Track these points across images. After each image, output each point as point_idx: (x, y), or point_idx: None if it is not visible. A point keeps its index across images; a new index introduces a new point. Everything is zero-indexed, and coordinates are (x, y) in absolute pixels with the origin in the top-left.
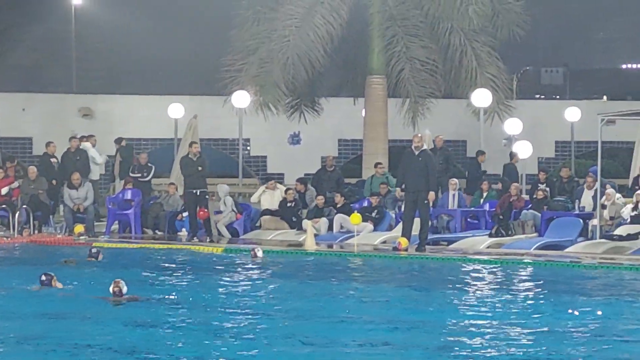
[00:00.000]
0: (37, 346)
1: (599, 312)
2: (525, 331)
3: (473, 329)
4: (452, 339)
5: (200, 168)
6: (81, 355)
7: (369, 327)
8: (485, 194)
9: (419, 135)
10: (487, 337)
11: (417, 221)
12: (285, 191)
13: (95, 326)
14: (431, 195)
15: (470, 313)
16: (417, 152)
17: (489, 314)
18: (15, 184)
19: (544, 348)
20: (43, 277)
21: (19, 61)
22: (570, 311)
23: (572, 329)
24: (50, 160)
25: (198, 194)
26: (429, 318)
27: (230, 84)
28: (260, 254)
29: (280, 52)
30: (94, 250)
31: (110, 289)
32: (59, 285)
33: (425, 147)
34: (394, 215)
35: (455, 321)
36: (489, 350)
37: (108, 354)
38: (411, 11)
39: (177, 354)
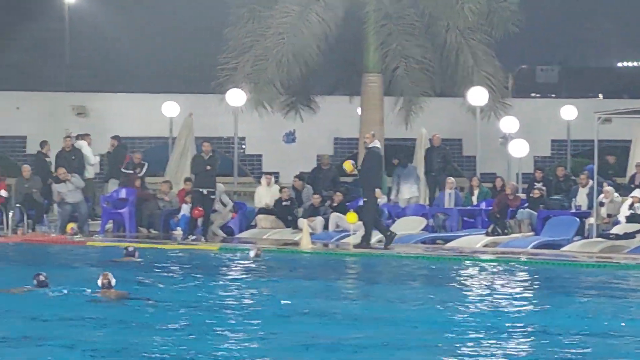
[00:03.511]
0: (30, 347)
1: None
2: (521, 330)
3: (470, 328)
4: (451, 337)
5: (209, 167)
6: (75, 356)
7: (367, 325)
8: (476, 192)
9: (369, 133)
10: (485, 336)
11: None
12: (280, 190)
13: (89, 326)
14: (377, 192)
15: (467, 312)
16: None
17: (486, 313)
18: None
19: (540, 347)
20: (42, 277)
21: (13, 60)
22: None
23: (567, 329)
24: (45, 159)
25: (205, 193)
26: (428, 317)
27: (226, 82)
28: (260, 252)
29: (275, 49)
30: (130, 248)
31: (99, 282)
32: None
33: (376, 144)
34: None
35: (452, 320)
36: (487, 349)
37: (101, 354)
38: (407, 10)
39: (173, 355)
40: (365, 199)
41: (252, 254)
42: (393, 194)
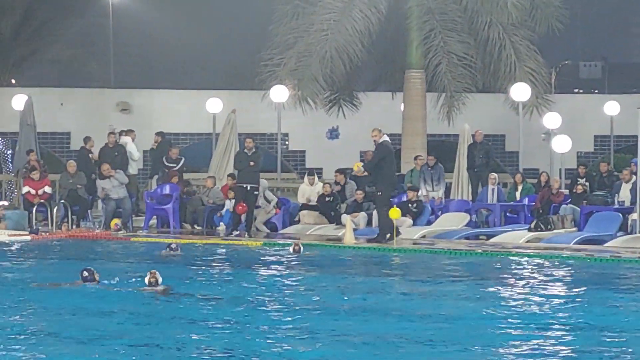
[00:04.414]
0: (73, 341)
1: None
2: (564, 326)
3: (512, 323)
4: (493, 332)
5: (252, 163)
6: (116, 348)
7: (411, 321)
8: (520, 187)
9: (376, 129)
10: (527, 331)
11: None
12: (322, 185)
13: (133, 321)
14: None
15: (509, 307)
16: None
17: (529, 309)
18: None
19: (583, 343)
20: (85, 273)
21: (57, 56)
22: None
23: (610, 324)
24: (89, 155)
25: (248, 188)
26: (470, 313)
27: (269, 78)
28: (298, 247)
29: (319, 46)
30: (173, 245)
31: (146, 280)
32: (97, 277)
33: (385, 138)
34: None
35: (494, 315)
36: (530, 345)
37: (144, 349)
38: (449, 5)
39: (219, 349)
40: (380, 193)
41: (291, 249)
42: (421, 192)
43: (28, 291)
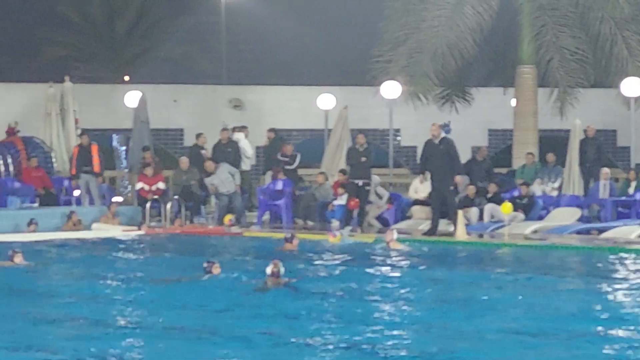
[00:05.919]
0: (185, 335)
1: None
2: None
3: (624, 319)
4: (603, 328)
5: (364, 159)
6: (230, 344)
7: (523, 316)
8: (633, 183)
9: (436, 124)
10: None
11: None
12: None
13: (245, 315)
14: (457, 178)
15: (621, 302)
16: (437, 141)
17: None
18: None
19: None
20: (205, 264)
21: (170, 53)
22: None
23: None
24: (200, 151)
25: (360, 184)
26: (580, 307)
27: (380, 74)
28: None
29: (430, 42)
30: (288, 235)
31: (269, 270)
32: (218, 270)
33: (443, 134)
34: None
35: (604, 311)
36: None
37: (258, 343)
38: (561, 1)
39: (330, 344)
40: (453, 188)
41: (388, 237)
42: (534, 187)
43: (145, 286)
